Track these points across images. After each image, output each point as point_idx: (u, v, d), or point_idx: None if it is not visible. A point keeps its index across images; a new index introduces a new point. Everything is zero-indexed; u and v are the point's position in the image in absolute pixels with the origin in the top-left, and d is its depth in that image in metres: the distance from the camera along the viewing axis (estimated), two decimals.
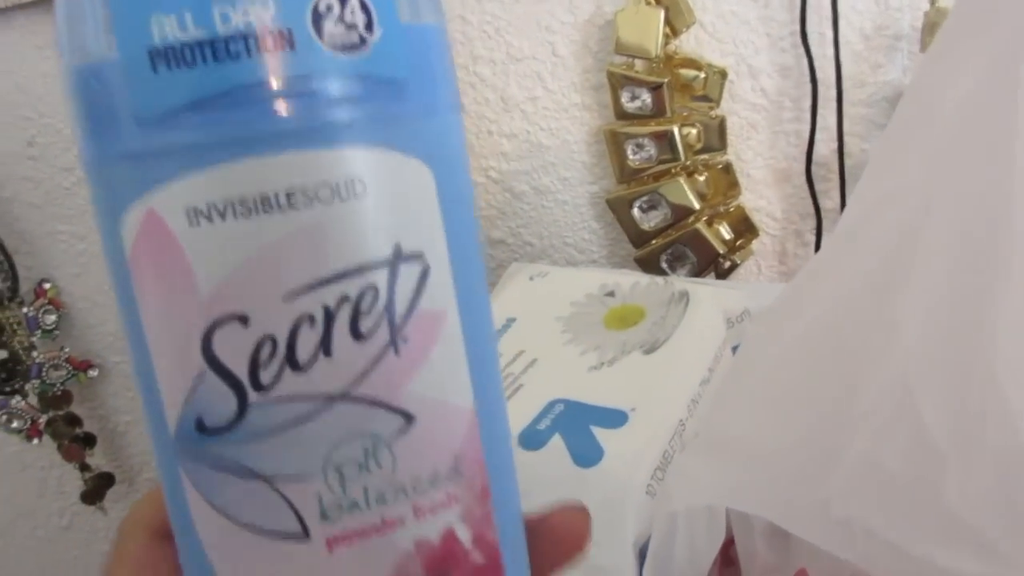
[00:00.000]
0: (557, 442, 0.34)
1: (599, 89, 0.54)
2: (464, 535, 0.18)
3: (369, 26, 0.16)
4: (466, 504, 0.18)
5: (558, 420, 0.36)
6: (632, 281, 0.46)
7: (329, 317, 0.16)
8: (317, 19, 0.15)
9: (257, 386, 0.16)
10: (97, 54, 0.15)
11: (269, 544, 0.17)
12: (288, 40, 0.15)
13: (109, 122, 0.16)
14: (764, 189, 0.57)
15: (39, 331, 0.60)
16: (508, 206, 0.58)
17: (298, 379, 0.16)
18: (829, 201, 0.55)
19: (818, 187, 0.54)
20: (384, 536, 0.17)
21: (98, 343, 0.64)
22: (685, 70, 0.52)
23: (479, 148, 0.57)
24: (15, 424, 0.61)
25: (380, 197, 0.16)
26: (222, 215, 0.15)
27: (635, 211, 0.55)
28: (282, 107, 0.15)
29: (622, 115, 0.53)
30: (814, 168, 0.54)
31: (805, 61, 0.51)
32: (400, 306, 0.17)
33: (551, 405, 0.37)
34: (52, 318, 0.60)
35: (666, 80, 0.51)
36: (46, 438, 0.62)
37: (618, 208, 0.56)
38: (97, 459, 0.64)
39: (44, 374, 0.60)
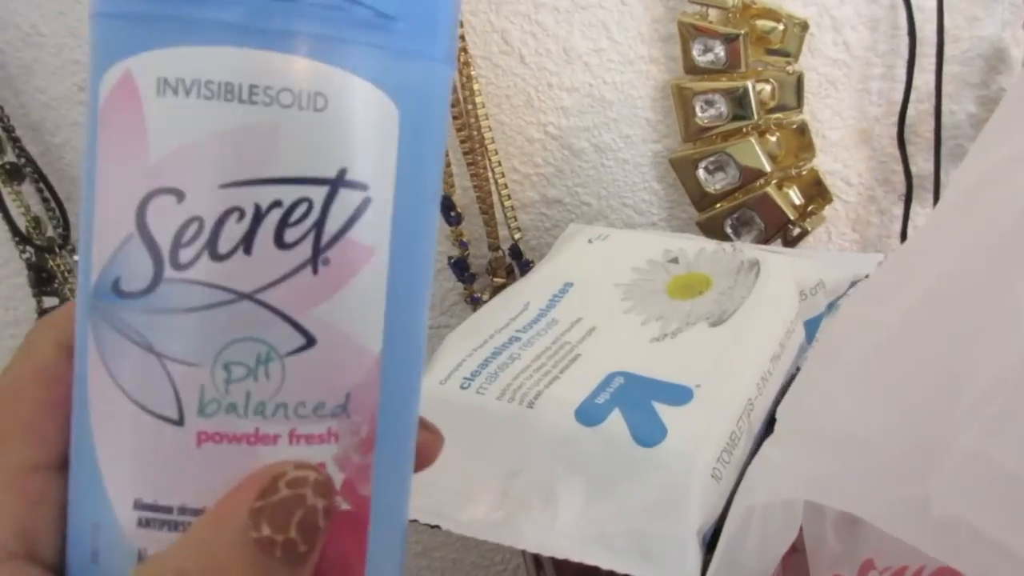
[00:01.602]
0: (616, 418, 0.32)
1: (668, 41, 0.51)
2: (335, 476, 0.18)
3: None
4: (345, 448, 0.18)
5: (618, 394, 0.34)
6: (697, 247, 0.43)
7: (258, 216, 0.16)
8: None
9: (175, 263, 0.17)
10: None
11: (145, 419, 0.17)
12: None
13: None
14: (840, 152, 0.53)
15: None
16: (566, 164, 0.56)
17: (214, 267, 0.16)
18: (914, 166, 0.52)
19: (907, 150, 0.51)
20: (253, 448, 0.17)
21: None
22: (762, 21, 0.48)
23: (538, 102, 0.54)
24: None
25: (338, 118, 0.17)
26: (187, 91, 0.16)
27: (700, 172, 0.52)
28: (270, 6, 0.16)
29: (692, 69, 0.50)
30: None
31: (895, 13, 0.47)
32: (329, 228, 0.17)
33: (610, 378, 0.35)
34: None
35: (743, 32, 0.47)
36: None
37: (682, 169, 0.53)
38: None
39: None
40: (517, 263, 0.56)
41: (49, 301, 0.59)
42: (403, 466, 0.20)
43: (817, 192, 0.53)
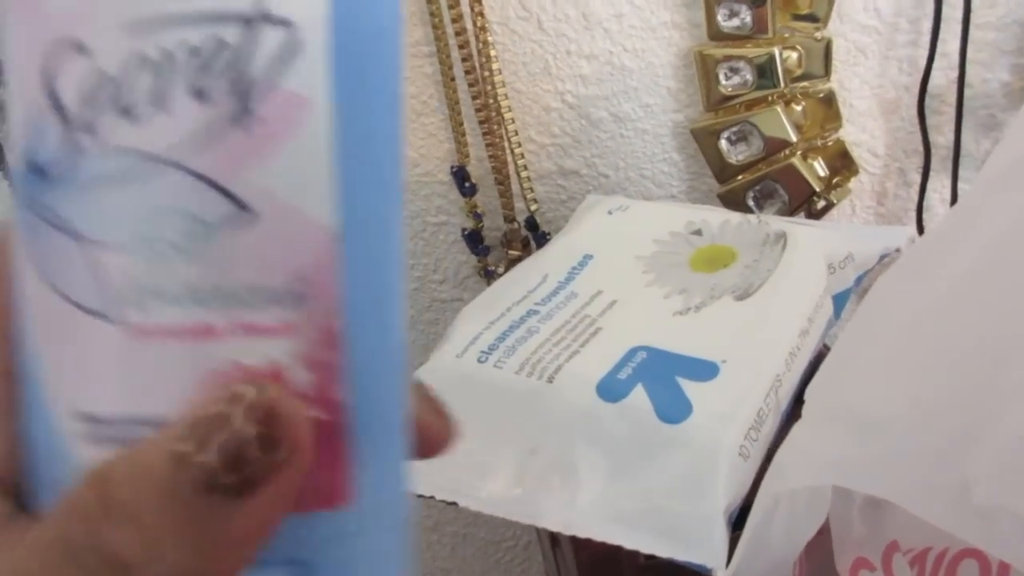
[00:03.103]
0: (639, 394, 0.31)
1: (691, 6, 0.49)
2: (298, 377, 0.15)
3: None
4: (305, 341, 0.15)
5: (641, 369, 0.33)
6: (721, 219, 0.42)
7: (170, 64, 0.14)
8: None
9: (87, 128, 0.15)
10: None
11: (75, 316, 0.15)
12: None
13: None
14: (868, 122, 0.51)
15: None
16: (584, 134, 0.54)
17: (130, 130, 0.14)
18: (940, 137, 0.50)
19: (929, 121, 0.49)
20: (196, 343, 0.15)
21: None
22: None
23: (556, 70, 0.52)
24: None
25: None
26: None
27: (722, 143, 0.51)
28: None
29: (716, 35, 0.48)
30: (928, 100, 0.48)
31: None
32: (255, 75, 0.15)
33: (632, 352, 0.34)
34: None
35: None
36: None
37: (703, 139, 0.52)
38: None
39: None
40: (533, 235, 0.55)
41: None
42: (388, 365, 0.17)
43: (843, 163, 0.52)
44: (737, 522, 0.29)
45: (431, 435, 0.19)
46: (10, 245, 0.16)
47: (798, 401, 0.34)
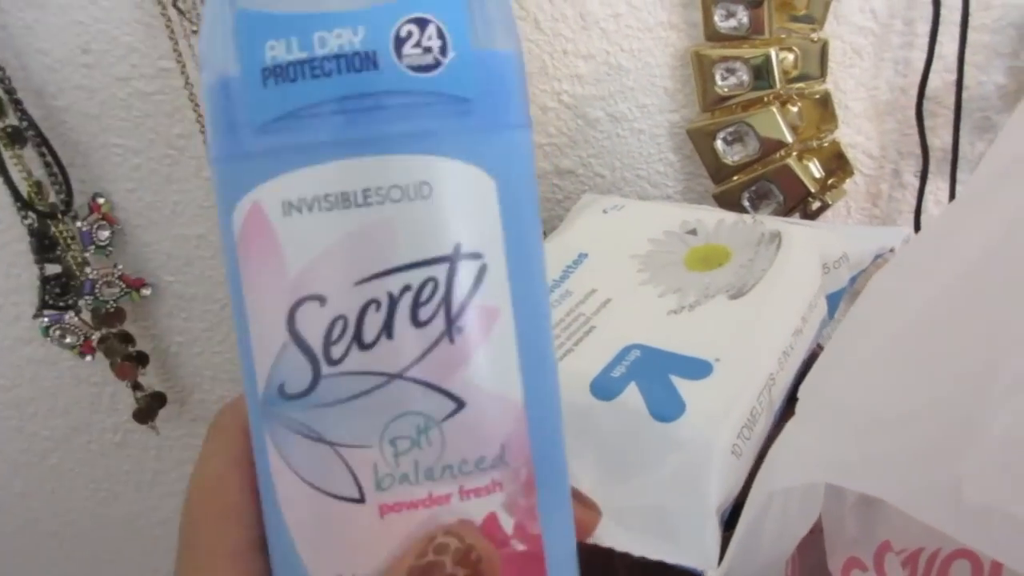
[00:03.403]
0: (632, 392, 0.31)
1: (688, 6, 0.49)
2: (506, 522, 0.19)
3: (444, 50, 0.18)
4: (510, 493, 0.19)
5: (634, 367, 0.32)
6: (716, 218, 0.42)
7: (393, 303, 0.18)
8: (399, 43, 0.18)
9: (329, 359, 0.18)
10: (224, 71, 0.18)
11: (331, 504, 0.19)
12: (372, 61, 0.18)
13: (230, 127, 0.19)
14: (863, 123, 0.51)
15: (93, 246, 0.59)
16: (580, 133, 0.54)
17: (363, 356, 0.18)
18: (936, 139, 0.50)
19: (926, 123, 0.49)
20: (429, 510, 0.19)
21: (152, 262, 0.62)
22: None
23: (552, 70, 0.52)
24: (68, 339, 0.60)
25: (444, 201, 0.18)
26: (310, 208, 0.18)
27: (718, 143, 0.51)
28: (364, 118, 0.18)
29: (713, 35, 0.48)
30: (924, 102, 0.48)
31: None
32: (457, 299, 0.18)
33: (626, 351, 0.33)
34: (106, 234, 0.59)
35: None
36: (99, 355, 0.61)
37: (699, 139, 0.52)
38: (149, 378, 0.64)
39: (97, 290, 0.59)
40: None
41: (51, 268, 0.58)
42: (564, 500, 0.21)
43: (838, 165, 0.52)
44: (730, 521, 0.29)
45: (582, 524, 0.23)
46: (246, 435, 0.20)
47: (791, 400, 0.34)
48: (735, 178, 0.52)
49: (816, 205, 0.51)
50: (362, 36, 0.17)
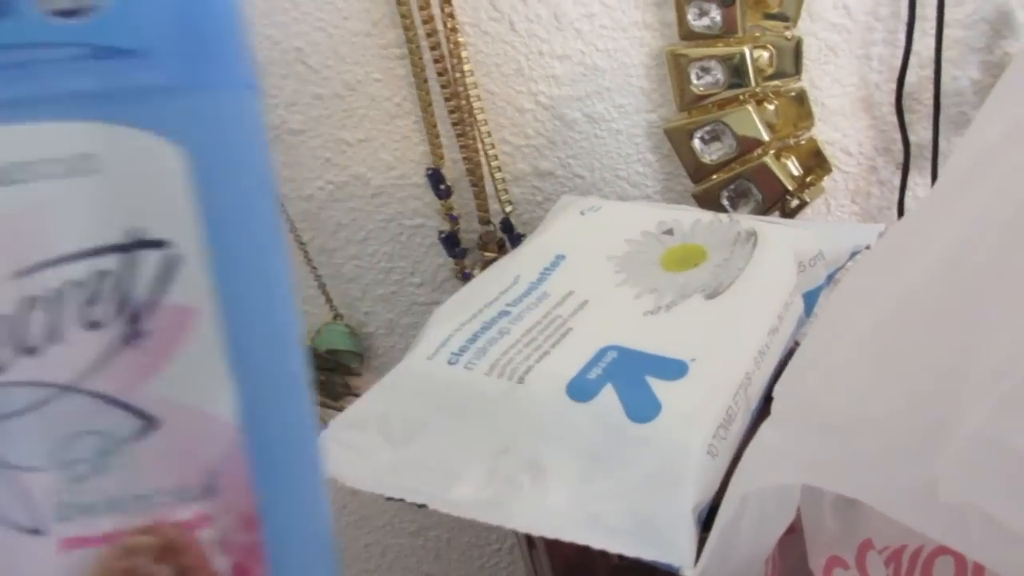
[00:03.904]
0: (609, 393, 0.31)
1: (662, 6, 0.49)
2: (218, 562, 0.17)
3: None
4: (223, 528, 0.17)
5: (610, 369, 0.32)
6: (693, 218, 0.42)
7: (59, 300, 0.15)
8: None
9: None
10: None
11: (7, 535, 0.16)
12: (7, 4, 0.14)
13: None
14: (840, 120, 0.52)
15: None
16: (558, 135, 0.54)
17: (30, 364, 0.16)
18: (913, 135, 0.50)
19: (906, 118, 0.49)
20: (119, 545, 0.16)
21: None
22: None
23: (528, 71, 0.52)
24: None
25: (115, 177, 0.15)
26: None
27: (696, 142, 0.51)
28: (4, 76, 0.15)
29: (687, 35, 0.48)
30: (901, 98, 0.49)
31: None
32: (139, 296, 0.16)
33: (603, 352, 0.33)
34: None
35: None
36: None
37: (677, 139, 0.52)
38: None
39: None
40: (508, 237, 0.55)
41: None
42: (309, 540, 0.18)
43: (816, 162, 0.52)
44: (707, 521, 0.29)
45: None
46: None
47: (768, 399, 0.34)
48: (714, 177, 0.52)
49: (795, 203, 0.51)
50: None
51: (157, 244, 0.16)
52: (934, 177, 0.50)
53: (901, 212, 0.52)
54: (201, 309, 0.16)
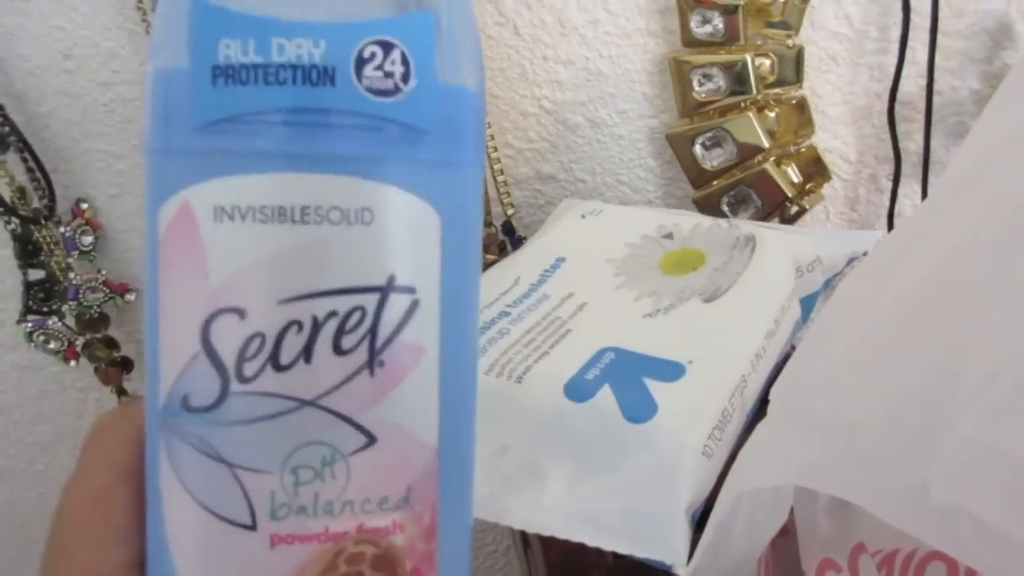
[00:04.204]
0: (606, 394, 0.32)
1: (666, 13, 0.50)
2: (403, 567, 0.19)
3: (405, 77, 0.17)
4: (411, 536, 0.19)
5: (608, 370, 0.33)
6: (692, 223, 0.42)
7: (316, 327, 0.17)
8: (360, 63, 0.17)
9: (240, 376, 0.17)
10: (174, 62, 0.18)
11: (220, 528, 0.18)
12: (330, 76, 0.17)
13: (171, 120, 0.18)
14: (840, 128, 0.52)
15: (76, 252, 0.59)
16: (560, 139, 0.55)
17: (277, 378, 0.17)
18: (911, 144, 0.51)
19: (900, 128, 0.50)
20: (323, 546, 0.18)
21: (136, 267, 0.62)
22: None
23: (533, 75, 0.53)
24: (52, 345, 0.60)
25: (384, 230, 0.18)
26: (243, 217, 0.17)
27: (697, 148, 0.51)
28: (313, 133, 0.17)
29: (690, 42, 0.48)
30: (897, 107, 0.49)
31: None
32: (383, 332, 0.18)
33: (600, 353, 0.34)
34: (89, 239, 0.59)
35: (742, 2, 0.46)
36: (83, 360, 0.61)
37: (678, 144, 0.52)
38: (134, 383, 0.64)
39: (81, 296, 0.59)
40: (510, 240, 0.55)
41: (35, 273, 0.58)
42: (463, 550, 0.20)
43: (816, 170, 0.52)
44: (701, 521, 0.29)
45: None
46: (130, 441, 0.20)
47: (764, 402, 0.34)
48: (715, 183, 0.52)
49: (794, 210, 0.52)
50: (322, 50, 0.17)
51: (405, 289, 0.18)
52: (924, 186, 0.51)
53: (891, 221, 0.52)
54: (428, 347, 0.18)
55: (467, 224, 0.19)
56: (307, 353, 0.17)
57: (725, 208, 0.52)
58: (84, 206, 0.59)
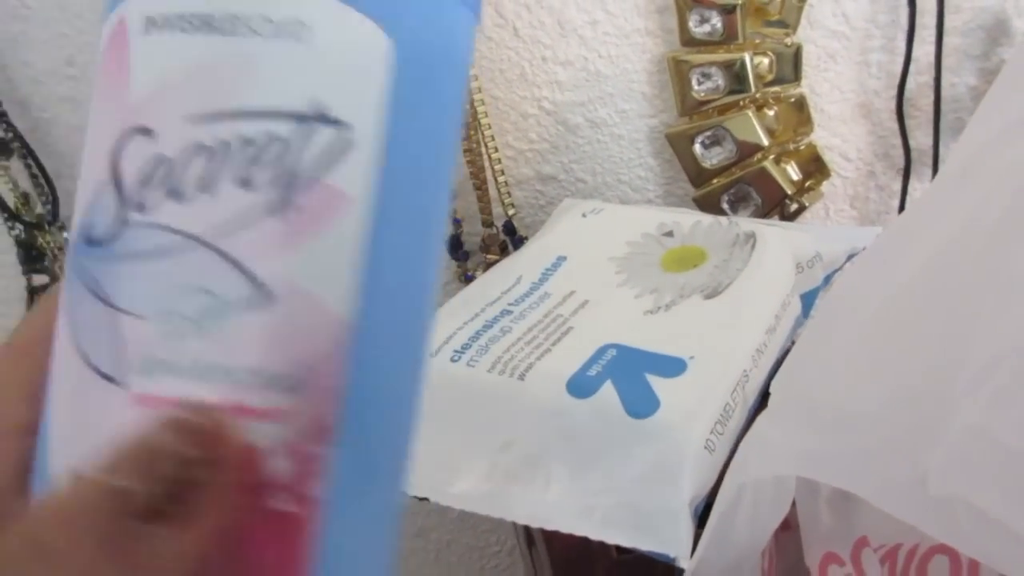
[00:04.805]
0: (608, 390, 0.32)
1: (664, 12, 0.50)
2: (276, 465, 0.15)
3: None
4: (295, 431, 0.15)
5: (610, 366, 0.33)
6: (693, 220, 0.42)
7: (224, 153, 0.15)
8: None
9: (138, 205, 0.15)
10: None
11: (90, 378, 0.16)
12: None
13: None
14: (839, 126, 0.52)
15: None
16: (561, 139, 0.55)
17: (173, 209, 0.15)
18: (913, 140, 0.51)
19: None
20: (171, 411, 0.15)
21: None
22: None
23: (532, 76, 0.53)
24: None
25: (319, 48, 0.15)
26: (171, 27, 0.15)
27: (696, 147, 0.52)
28: None
29: (688, 41, 0.49)
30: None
31: None
32: (303, 170, 0.15)
33: (603, 350, 0.34)
34: None
35: (740, 2, 0.46)
36: None
37: (678, 143, 0.52)
38: None
39: None
40: (511, 240, 0.55)
41: (39, 279, 0.58)
42: (381, 470, 0.16)
43: (815, 167, 0.52)
44: (703, 515, 0.30)
45: None
46: (55, 308, 0.17)
47: (765, 396, 0.35)
48: (714, 181, 0.52)
49: (793, 207, 0.52)
50: None
51: (335, 122, 0.15)
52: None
53: None
54: (355, 197, 0.15)
55: (439, 69, 0.16)
56: (210, 183, 0.15)
57: (725, 206, 0.53)
58: None
